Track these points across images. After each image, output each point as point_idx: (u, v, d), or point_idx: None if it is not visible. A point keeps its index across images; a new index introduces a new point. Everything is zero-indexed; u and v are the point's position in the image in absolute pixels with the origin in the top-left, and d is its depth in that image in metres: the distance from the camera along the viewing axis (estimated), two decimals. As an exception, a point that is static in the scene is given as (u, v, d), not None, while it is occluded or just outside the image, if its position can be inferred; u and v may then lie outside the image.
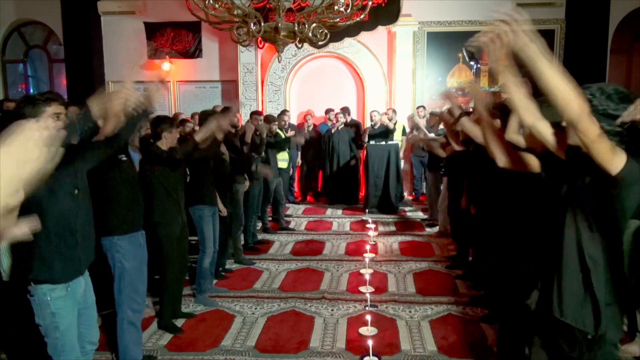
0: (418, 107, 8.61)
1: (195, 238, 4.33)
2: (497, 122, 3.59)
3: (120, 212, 3.00)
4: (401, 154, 8.41)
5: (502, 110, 3.69)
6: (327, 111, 8.74)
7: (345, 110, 8.43)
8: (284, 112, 8.02)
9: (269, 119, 6.32)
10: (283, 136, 6.90)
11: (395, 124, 8.11)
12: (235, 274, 5.04)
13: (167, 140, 3.62)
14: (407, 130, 8.62)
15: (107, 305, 3.24)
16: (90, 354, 2.59)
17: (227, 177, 4.73)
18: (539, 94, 1.71)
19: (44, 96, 2.29)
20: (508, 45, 1.62)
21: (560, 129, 1.98)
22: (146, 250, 3.18)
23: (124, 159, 3.06)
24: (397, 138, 8.19)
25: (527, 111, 1.90)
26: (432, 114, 8.08)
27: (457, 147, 4.36)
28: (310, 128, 8.68)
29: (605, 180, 1.66)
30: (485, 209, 3.71)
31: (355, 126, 8.48)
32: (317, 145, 8.56)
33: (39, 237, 2.20)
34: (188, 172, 4.29)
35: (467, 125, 3.20)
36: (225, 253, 5.00)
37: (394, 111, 8.22)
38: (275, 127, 6.49)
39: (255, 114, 6.04)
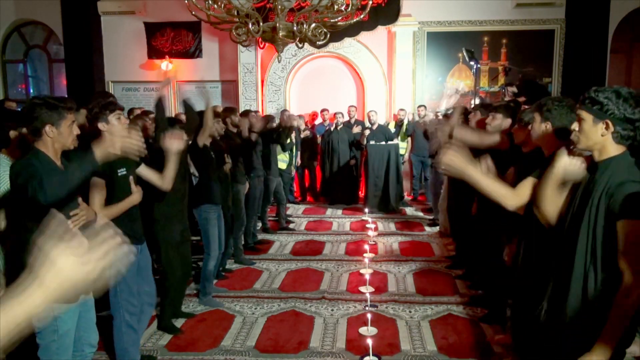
0: (419, 107, 8.61)
1: (198, 238, 4.31)
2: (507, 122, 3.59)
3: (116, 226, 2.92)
4: (406, 156, 8.43)
5: (505, 109, 3.69)
6: (322, 110, 8.78)
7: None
8: (283, 112, 8.01)
9: (268, 118, 6.33)
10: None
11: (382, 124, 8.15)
12: (235, 274, 5.04)
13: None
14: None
15: (102, 307, 3.23)
16: (89, 356, 2.57)
17: (229, 177, 4.72)
18: (538, 96, 1.72)
19: (66, 103, 2.30)
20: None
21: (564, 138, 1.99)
22: (146, 256, 3.12)
23: (123, 173, 2.91)
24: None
25: (504, 197, 2.08)
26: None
27: None
28: (303, 127, 8.62)
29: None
30: (489, 213, 3.67)
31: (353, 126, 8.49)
32: (314, 145, 8.54)
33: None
34: (197, 174, 4.29)
35: (464, 136, 3.21)
36: (225, 253, 5.00)
37: (376, 113, 8.24)
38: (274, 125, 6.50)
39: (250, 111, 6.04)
